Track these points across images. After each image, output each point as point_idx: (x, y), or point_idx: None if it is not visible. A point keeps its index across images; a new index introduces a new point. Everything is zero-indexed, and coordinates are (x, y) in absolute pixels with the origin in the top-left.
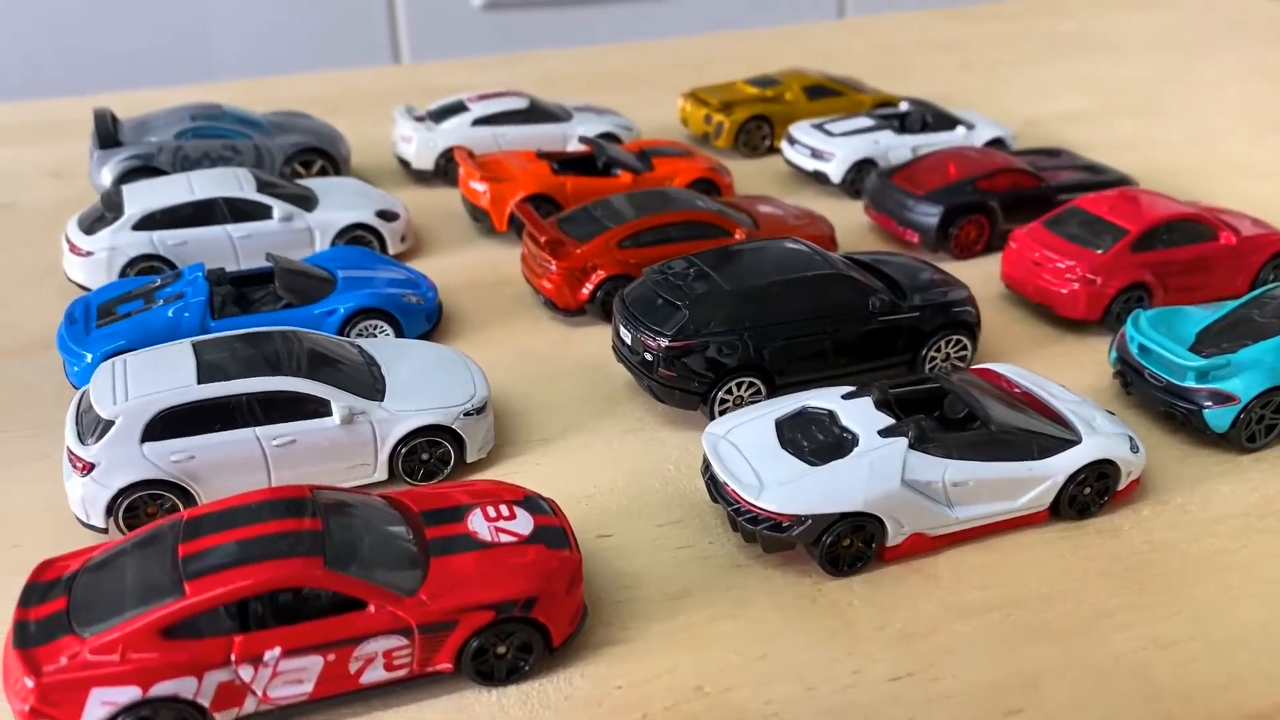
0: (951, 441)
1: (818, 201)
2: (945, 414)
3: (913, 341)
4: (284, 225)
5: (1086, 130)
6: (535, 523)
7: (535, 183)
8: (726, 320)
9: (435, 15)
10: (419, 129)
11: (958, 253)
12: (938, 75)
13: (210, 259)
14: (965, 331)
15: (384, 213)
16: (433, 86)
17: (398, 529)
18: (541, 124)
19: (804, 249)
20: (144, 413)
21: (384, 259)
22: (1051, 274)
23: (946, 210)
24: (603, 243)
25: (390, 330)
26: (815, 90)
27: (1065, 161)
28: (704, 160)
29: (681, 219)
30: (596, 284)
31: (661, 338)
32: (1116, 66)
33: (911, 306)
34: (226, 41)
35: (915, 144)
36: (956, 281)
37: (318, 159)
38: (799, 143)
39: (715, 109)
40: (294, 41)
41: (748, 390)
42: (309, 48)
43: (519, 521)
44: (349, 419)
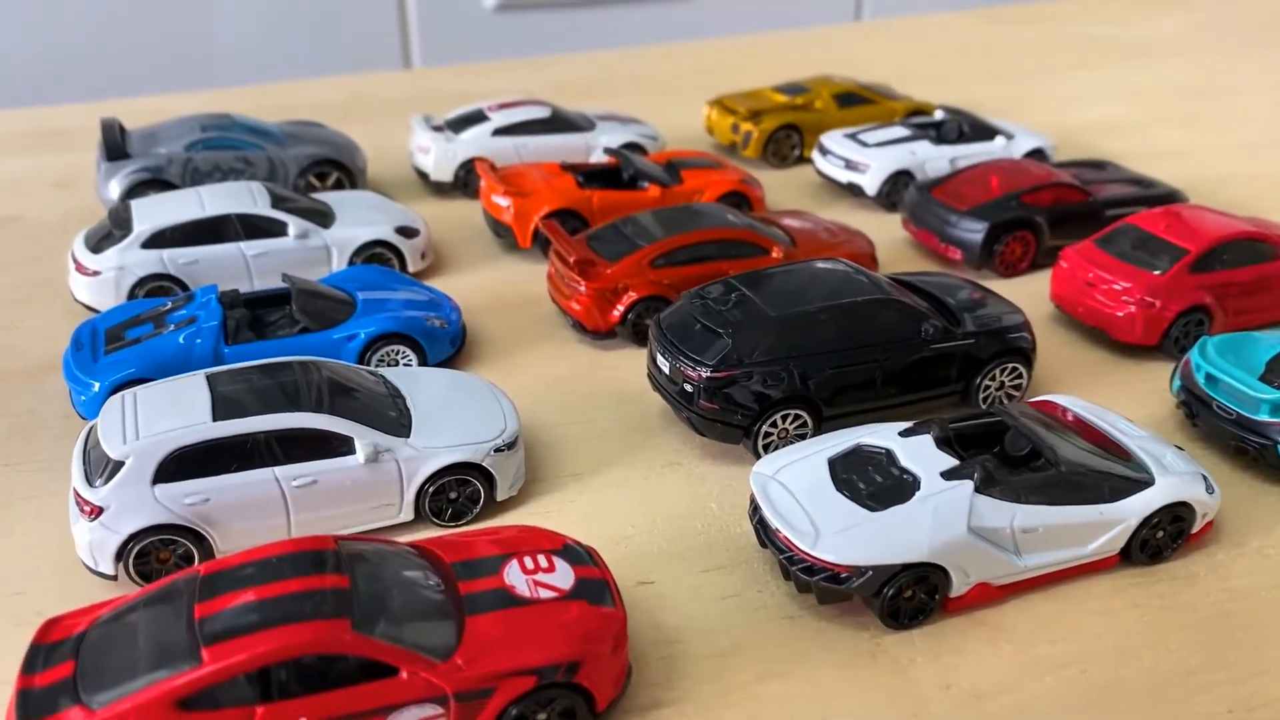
0: (1019, 484)
1: (852, 215)
2: (1006, 450)
3: (966, 370)
4: (300, 243)
5: (1126, 139)
6: (576, 575)
7: (560, 197)
8: (771, 349)
9: (447, 18)
10: (437, 139)
11: (1003, 270)
12: (966, 81)
13: (223, 278)
14: (1021, 359)
15: (404, 229)
16: (447, 92)
17: (429, 584)
18: (564, 134)
19: (850, 271)
20: (156, 453)
21: (405, 279)
22: (1106, 296)
23: (992, 226)
24: (634, 262)
25: (413, 356)
26: (846, 98)
27: (1112, 174)
28: (734, 172)
29: (716, 237)
30: (628, 306)
31: (702, 368)
32: (1153, 72)
33: (965, 333)
34: (233, 47)
35: (953, 155)
36: (1010, 304)
37: (333, 171)
38: (832, 153)
39: (743, 118)
40: (302, 46)
41: (793, 423)
42: (318, 52)
43: (559, 574)
44: (374, 457)
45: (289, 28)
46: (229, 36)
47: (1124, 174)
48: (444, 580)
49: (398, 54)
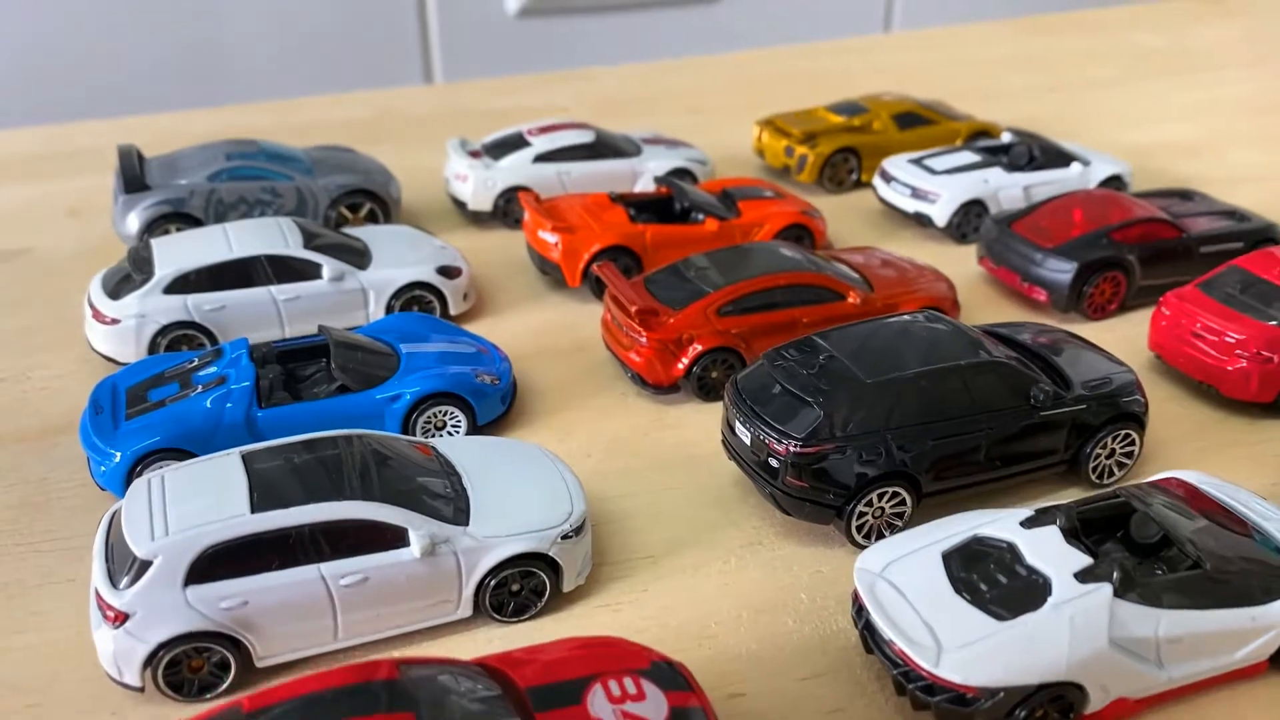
0: (1161, 586)
1: (919, 247)
2: (1133, 536)
3: (1075, 437)
4: (334, 286)
5: (1198, 161)
6: (669, 704)
7: (612, 233)
8: (867, 420)
9: (469, 25)
10: (475, 166)
11: (1091, 313)
12: (1011, 96)
13: (252, 325)
14: (1134, 424)
15: (445, 268)
16: (475, 109)
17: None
18: (609, 159)
19: (945, 326)
20: (188, 551)
21: (448, 327)
22: (1217, 348)
23: (1081, 266)
24: (700, 311)
25: (463, 418)
26: (906, 118)
27: (1201, 206)
28: (795, 203)
29: (788, 281)
30: (693, 359)
31: (790, 441)
32: (1214, 85)
33: (1077, 397)
34: (250, 60)
35: (1027, 183)
36: (1118, 361)
37: (366, 202)
38: (897, 180)
39: (797, 140)
40: (320, 59)
41: (890, 501)
42: (336, 65)
43: (650, 703)
44: (430, 550)
45: (306, 40)
46: (246, 50)
47: (1213, 205)
48: (520, 712)
49: (418, 65)
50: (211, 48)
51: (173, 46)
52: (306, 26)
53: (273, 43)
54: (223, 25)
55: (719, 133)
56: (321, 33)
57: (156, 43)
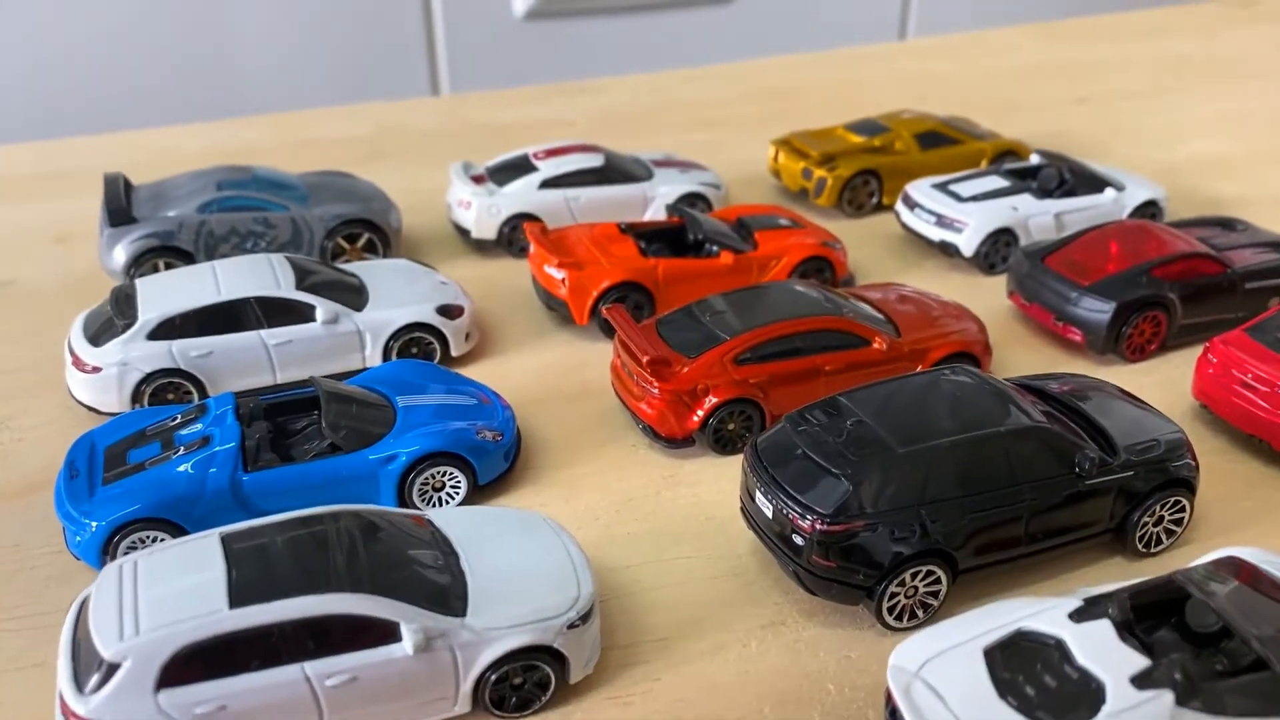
0: (1225, 690)
1: (944, 277)
2: (1189, 624)
3: (1122, 505)
4: (328, 329)
5: (1237, 181)
6: None
7: (622, 269)
8: (901, 494)
9: (475, 30)
10: (479, 193)
11: (1130, 355)
12: (1035, 109)
13: (241, 372)
14: (1185, 490)
15: (446, 307)
16: (481, 123)
17: None
18: (619, 185)
19: (980, 385)
20: (160, 653)
21: (449, 375)
22: (1269, 400)
23: (1120, 306)
24: (716, 359)
25: (463, 478)
26: (928, 138)
27: (1244, 237)
28: (815, 234)
29: (809, 327)
30: (709, 411)
31: (816, 517)
32: (1252, 96)
33: (1125, 463)
34: (249, 72)
35: (1058, 210)
36: (1165, 418)
37: (364, 232)
38: (920, 206)
39: (815, 162)
40: (322, 69)
41: (924, 580)
42: (339, 76)
43: None
44: (424, 646)
45: (308, 51)
46: (246, 61)
47: (1257, 235)
48: None
49: (425, 72)
50: (210, 59)
51: (170, 59)
52: (308, 36)
53: (274, 54)
54: (221, 35)
55: (733, 150)
56: (324, 42)
57: (152, 55)
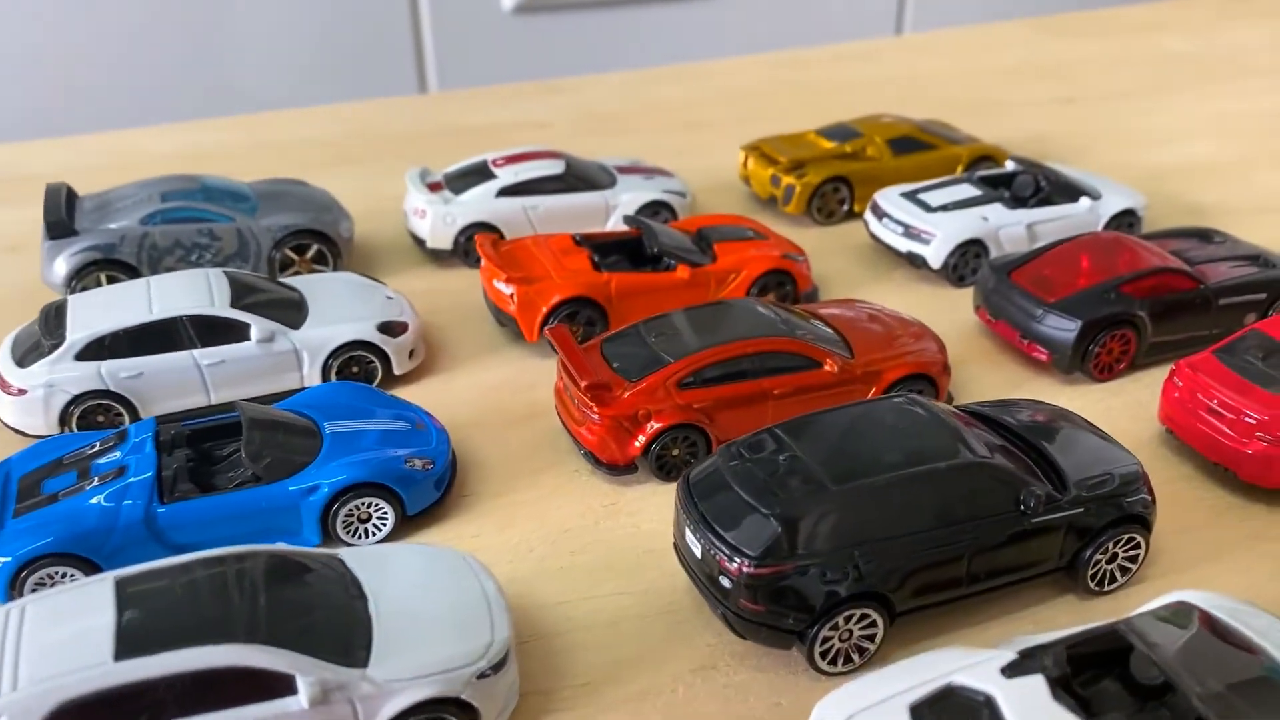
0: None
1: (912, 290)
2: (1133, 675)
3: (1073, 542)
4: (264, 348)
5: (1223, 185)
6: None
7: (573, 283)
8: (833, 534)
9: (463, 24)
10: (434, 201)
11: (1097, 374)
12: (1022, 108)
13: (173, 394)
14: (1139, 526)
15: (389, 325)
16: (454, 126)
17: None
18: (581, 193)
19: (926, 416)
20: (39, 709)
21: (385, 399)
22: (1234, 427)
23: (1086, 325)
24: (658, 384)
25: (390, 509)
26: (902, 143)
27: (1222, 250)
28: (776, 246)
29: (757, 349)
30: (651, 437)
31: (744, 559)
32: (1245, 96)
33: (1074, 499)
34: (225, 68)
35: (1031, 219)
36: (1121, 449)
37: (314, 243)
38: (889, 216)
39: (784, 169)
40: (303, 66)
41: (859, 623)
42: (323, 72)
43: None
44: (320, 699)
45: (289, 47)
46: (224, 57)
47: (1236, 248)
48: None
49: (412, 69)
50: (188, 58)
51: (142, 57)
52: (290, 32)
53: (254, 50)
54: (199, 32)
55: (711, 154)
56: (308, 38)
57: (122, 52)
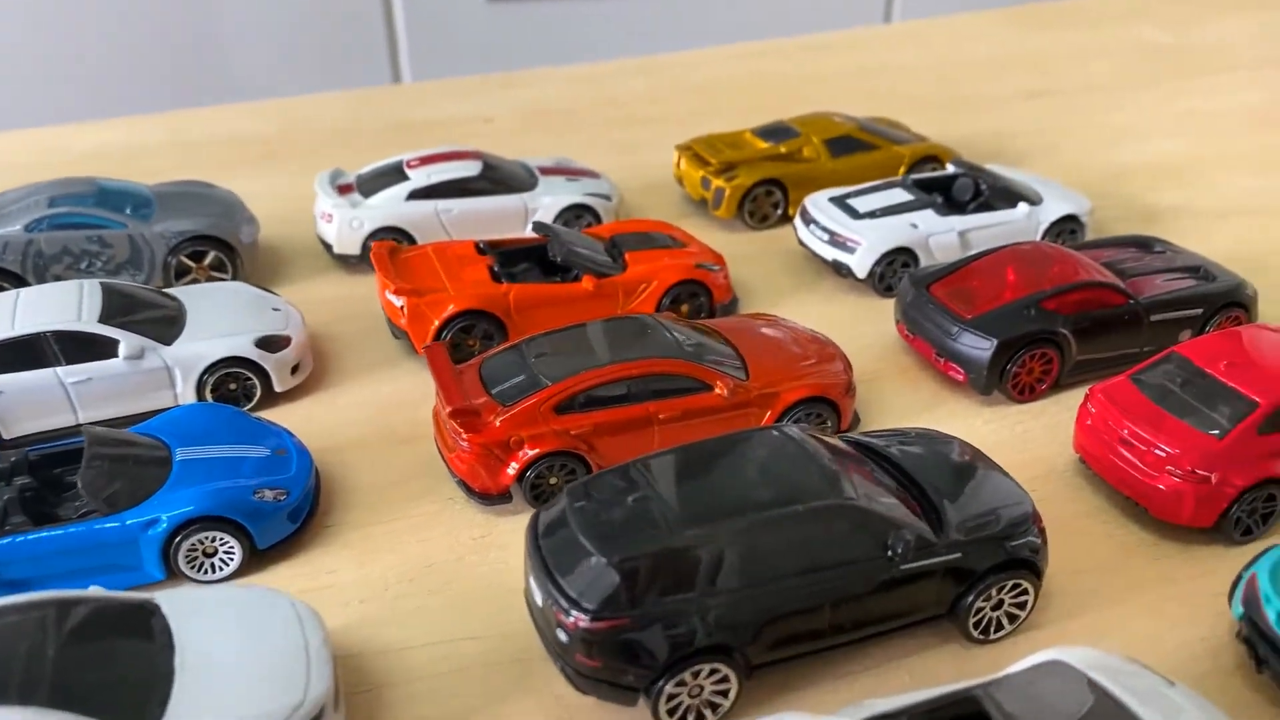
0: None
1: (839, 300)
2: None
3: (952, 587)
4: (132, 365)
5: (1184, 188)
6: None
7: (468, 295)
8: (679, 583)
9: (439, 15)
10: (340, 205)
11: (1017, 395)
12: (994, 104)
13: (38, 414)
14: (1025, 572)
15: (269, 340)
16: (394, 122)
17: None
18: (497, 195)
19: (800, 451)
20: None
21: (247, 422)
22: (1145, 460)
23: (1001, 344)
24: (532, 409)
25: (236, 544)
26: (840, 144)
27: (1161, 260)
28: (691, 255)
29: (641, 372)
30: (524, 465)
31: (580, 612)
32: (1219, 92)
33: (951, 544)
34: (185, 56)
35: (964, 227)
36: (1014, 486)
37: (211, 249)
38: (816, 223)
39: (715, 171)
40: (283, 59)
41: (710, 678)
42: (298, 67)
43: None
44: None
45: (270, 38)
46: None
47: (1176, 259)
48: None
49: (385, 58)
50: (156, 48)
51: (94, 44)
52: (267, 20)
53: (226, 41)
54: (166, 20)
55: (653, 150)
56: (285, 25)
57: (63, 39)
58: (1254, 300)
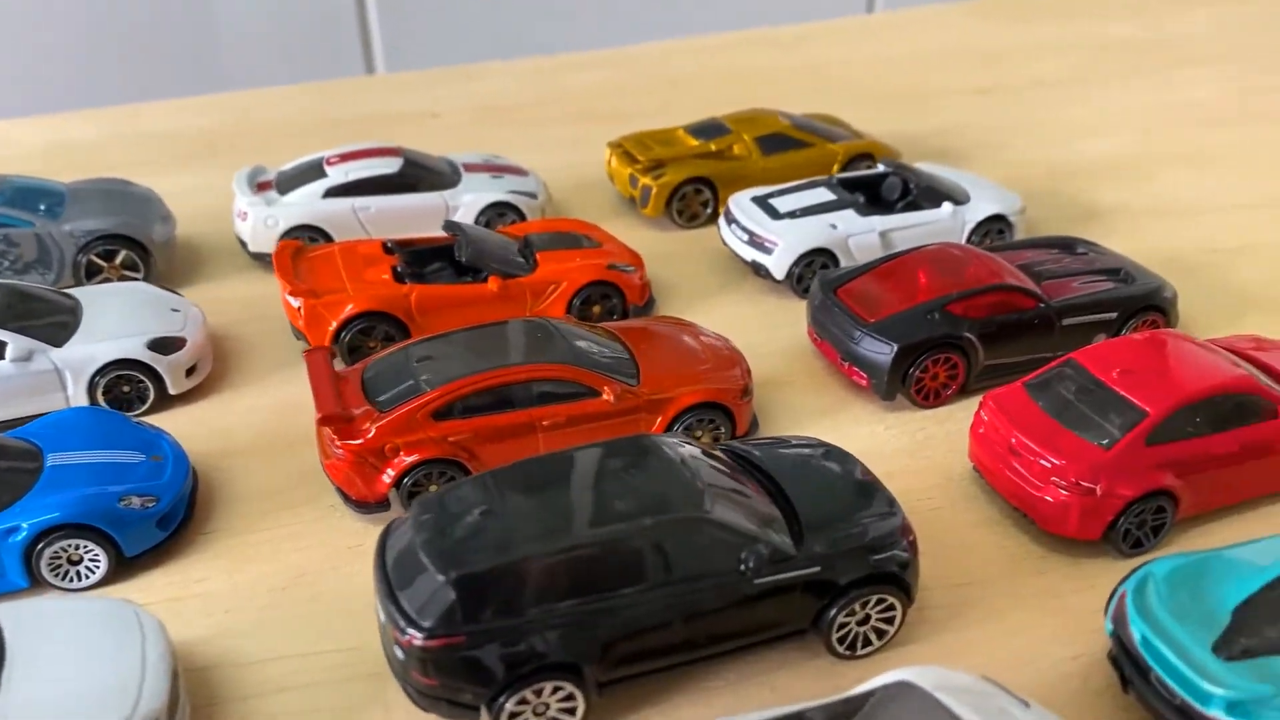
0: None
1: (758, 301)
2: None
3: (814, 601)
4: (19, 367)
5: (1125, 186)
6: None
7: (368, 296)
8: (519, 601)
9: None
10: (255, 203)
11: (921, 401)
12: (945, 100)
13: None
14: (891, 587)
15: (162, 341)
16: (336, 117)
17: None
18: (417, 193)
19: (662, 461)
20: None
21: (128, 426)
22: (1032, 471)
23: (903, 349)
24: (409, 415)
25: (101, 552)
26: (771, 141)
27: (1082, 263)
28: (606, 255)
29: (525, 376)
30: (400, 473)
31: (414, 630)
32: (1173, 86)
33: (810, 557)
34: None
35: (885, 227)
36: (887, 498)
37: (121, 248)
38: (737, 222)
39: (642, 169)
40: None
41: (556, 695)
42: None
43: None
44: None
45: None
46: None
47: (1096, 261)
48: None
49: (357, 47)
50: (100, 36)
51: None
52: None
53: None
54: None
55: (594, 147)
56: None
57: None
58: (1173, 303)
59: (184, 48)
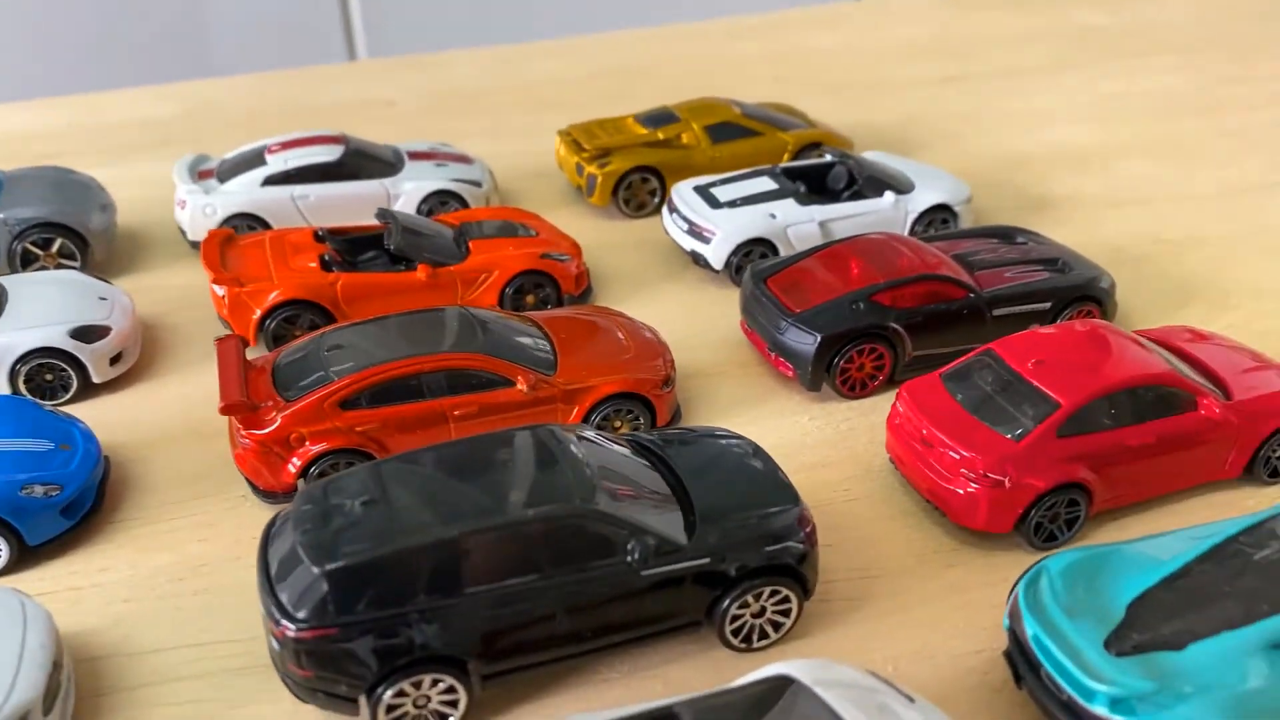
0: None
1: (698, 292)
2: None
3: (706, 593)
4: None
5: (1083, 175)
6: None
7: (293, 284)
8: (394, 593)
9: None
10: (194, 191)
11: (846, 392)
12: (914, 88)
13: None
14: (787, 579)
15: (85, 330)
16: (294, 106)
17: None
18: (357, 180)
19: (557, 451)
20: None
21: (39, 415)
22: (942, 463)
23: (826, 339)
24: (315, 404)
25: (2, 543)
26: (721, 130)
27: (1019, 253)
28: (540, 244)
29: (436, 366)
30: (307, 461)
31: (288, 621)
32: (1139, 76)
33: (700, 548)
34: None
35: (825, 217)
36: (787, 490)
37: (58, 237)
38: (678, 212)
39: (589, 158)
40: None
41: (436, 688)
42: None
43: None
44: None
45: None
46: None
47: (1034, 250)
48: None
49: (339, 33)
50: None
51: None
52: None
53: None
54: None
55: (548, 136)
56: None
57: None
58: (1110, 293)
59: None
